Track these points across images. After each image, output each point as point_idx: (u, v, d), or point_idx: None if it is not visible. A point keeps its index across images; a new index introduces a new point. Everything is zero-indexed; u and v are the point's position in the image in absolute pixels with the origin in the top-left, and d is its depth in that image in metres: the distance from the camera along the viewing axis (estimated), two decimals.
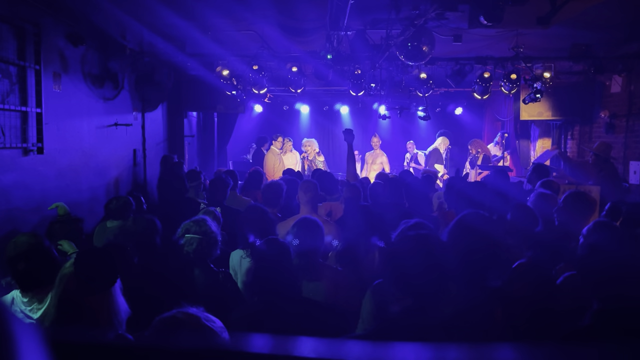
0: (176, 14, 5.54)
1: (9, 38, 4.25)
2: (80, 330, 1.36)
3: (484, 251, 2.10)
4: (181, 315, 1.46)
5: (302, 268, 2.67)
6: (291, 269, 2.42)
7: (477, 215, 2.33)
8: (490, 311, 2.04)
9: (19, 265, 2.46)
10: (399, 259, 1.81)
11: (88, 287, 1.99)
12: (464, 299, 2.01)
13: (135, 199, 4.58)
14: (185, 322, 1.43)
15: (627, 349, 0.74)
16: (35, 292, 2.45)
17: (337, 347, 0.74)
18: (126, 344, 0.93)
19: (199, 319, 1.46)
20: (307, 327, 2.20)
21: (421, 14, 4.41)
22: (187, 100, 8.34)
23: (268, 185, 4.62)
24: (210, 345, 1.37)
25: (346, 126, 13.72)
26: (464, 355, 0.73)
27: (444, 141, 9.86)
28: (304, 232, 2.79)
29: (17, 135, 4.37)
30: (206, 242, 2.93)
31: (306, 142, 9.81)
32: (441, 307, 1.75)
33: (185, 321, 1.44)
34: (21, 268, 2.46)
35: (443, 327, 1.69)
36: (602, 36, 6.50)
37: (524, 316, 2.26)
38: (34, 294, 2.45)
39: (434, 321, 1.68)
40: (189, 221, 3.04)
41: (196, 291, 2.76)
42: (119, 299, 2.06)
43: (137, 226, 2.97)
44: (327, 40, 5.99)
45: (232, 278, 3.03)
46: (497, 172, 6.09)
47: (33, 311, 2.42)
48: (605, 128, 7.61)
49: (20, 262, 2.47)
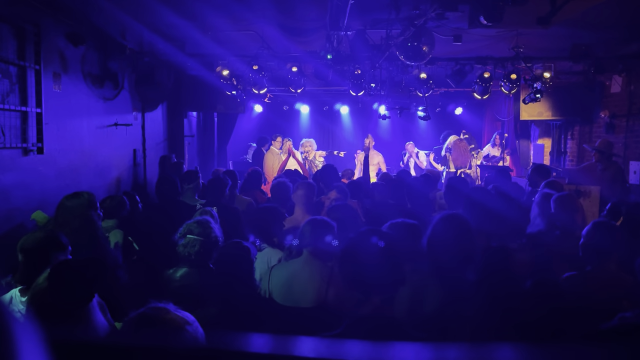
0: (176, 14, 5.54)
1: (9, 38, 4.25)
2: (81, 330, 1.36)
3: (458, 245, 2.14)
4: (150, 311, 1.42)
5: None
6: (250, 270, 2.45)
7: (468, 212, 2.36)
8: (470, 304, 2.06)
9: (21, 257, 2.48)
10: (353, 257, 1.84)
11: (63, 303, 1.88)
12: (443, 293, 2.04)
13: (130, 198, 4.56)
14: (155, 317, 1.39)
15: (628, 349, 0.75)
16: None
17: (337, 347, 0.74)
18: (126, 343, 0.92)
19: (168, 311, 1.42)
20: (266, 326, 2.24)
21: (421, 14, 4.41)
22: (187, 100, 8.34)
23: (276, 184, 4.67)
24: (210, 345, 1.37)
25: (346, 126, 13.70)
26: (463, 355, 0.73)
27: (471, 138, 10.10)
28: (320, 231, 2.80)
29: (17, 135, 4.37)
30: (207, 245, 2.92)
31: (305, 143, 9.80)
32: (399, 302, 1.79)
33: (155, 316, 1.40)
34: (22, 260, 2.48)
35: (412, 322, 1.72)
36: (602, 36, 6.50)
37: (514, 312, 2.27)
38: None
39: (400, 316, 1.71)
40: (192, 221, 3.03)
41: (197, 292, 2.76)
42: (97, 315, 1.99)
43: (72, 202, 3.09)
44: (327, 40, 5.99)
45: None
46: (499, 172, 6.10)
47: None
48: (605, 128, 7.61)
49: (22, 254, 2.48)
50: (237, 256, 2.59)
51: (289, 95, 10.69)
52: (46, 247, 2.57)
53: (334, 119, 13.28)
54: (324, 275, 2.74)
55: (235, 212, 4.46)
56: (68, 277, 1.93)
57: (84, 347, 0.77)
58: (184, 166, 7.14)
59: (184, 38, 6.85)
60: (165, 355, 0.77)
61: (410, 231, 2.65)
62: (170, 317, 1.39)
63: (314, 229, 2.81)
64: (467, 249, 2.25)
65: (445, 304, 2.06)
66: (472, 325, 2.02)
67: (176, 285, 2.87)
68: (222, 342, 0.78)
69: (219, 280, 2.46)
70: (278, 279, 2.79)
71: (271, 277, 2.81)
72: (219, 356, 0.77)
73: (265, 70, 6.84)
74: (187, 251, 2.91)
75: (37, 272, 2.44)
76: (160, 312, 1.41)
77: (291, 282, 2.75)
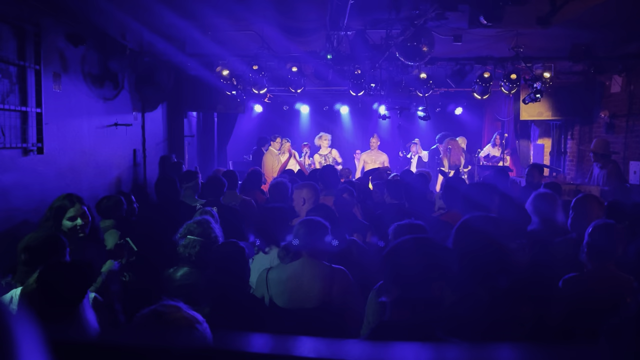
0: (176, 14, 5.54)
1: (9, 38, 4.25)
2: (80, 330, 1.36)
3: (490, 255, 2.10)
4: (162, 308, 1.46)
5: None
6: (244, 271, 2.45)
7: (483, 218, 2.33)
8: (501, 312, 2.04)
9: (24, 257, 2.49)
10: (398, 258, 1.81)
11: (53, 303, 1.89)
12: (469, 300, 2.01)
13: (126, 198, 4.56)
14: (166, 314, 1.44)
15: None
16: None
17: (337, 347, 0.74)
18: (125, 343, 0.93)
19: (179, 309, 1.47)
20: (255, 328, 2.25)
21: (421, 14, 4.41)
22: (187, 100, 8.34)
23: (274, 184, 4.66)
24: (210, 345, 1.37)
25: (346, 126, 13.71)
26: (463, 355, 0.73)
27: (463, 140, 10.11)
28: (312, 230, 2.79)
29: (17, 135, 4.37)
30: (208, 245, 2.92)
31: (323, 136, 9.72)
32: (437, 306, 1.75)
33: (166, 313, 1.44)
34: (26, 259, 2.48)
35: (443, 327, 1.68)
36: (602, 36, 6.50)
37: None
38: None
39: (431, 321, 1.68)
40: (192, 222, 3.03)
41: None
42: (88, 315, 2.01)
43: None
44: (327, 40, 5.99)
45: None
46: (497, 172, 6.10)
47: None
48: (605, 128, 7.61)
49: (24, 255, 2.49)
50: (231, 254, 2.59)
51: (289, 95, 10.68)
52: (50, 246, 2.57)
53: (334, 119, 13.28)
54: (326, 275, 2.74)
55: (235, 212, 4.47)
56: (58, 277, 1.95)
57: (84, 347, 0.77)
58: (184, 166, 7.13)
59: (184, 38, 6.84)
60: (165, 355, 0.77)
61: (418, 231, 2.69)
62: (181, 316, 1.44)
63: (309, 230, 2.80)
64: (491, 258, 2.23)
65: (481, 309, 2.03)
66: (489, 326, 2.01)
67: (176, 285, 2.87)
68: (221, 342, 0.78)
69: (213, 279, 2.46)
70: (277, 282, 2.76)
71: (269, 281, 2.78)
72: (218, 356, 0.77)
73: (265, 70, 6.84)
74: (188, 252, 2.91)
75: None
76: (172, 310, 1.45)
77: (292, 284, 2.73)
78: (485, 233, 2.20)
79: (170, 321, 1.41)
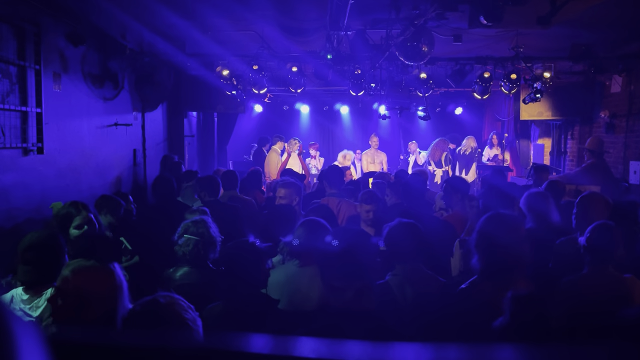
0: (176, 14, 5.54)
1: (9, 38, 4.25)
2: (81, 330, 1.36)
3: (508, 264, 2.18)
4: (162, 299, 1.55)
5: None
6: (258, 270, 2.45)
7: (499, 222, 2.36)
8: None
9: (26, 255, 2.49)
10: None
11: (98, 254, 1.95)
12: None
13: (123, 198, 4.55)
14: (165, 305, 1.51)
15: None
16: (36, 290, 2.46)
17: (337, 348, 0.74)
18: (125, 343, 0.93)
19: (174, 299, 1.55)
20: (268, 327, 2.26)
21: (421, 13, 4.41)
22: (187, 100, 8.34)
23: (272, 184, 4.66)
24: (210, 345, 1.37)
25: (346, 126, 13.71)
26: (463, 355, 0.73)
27: (473, 140, 10.16)
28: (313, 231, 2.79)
29: (17, 135, 4.37)
30: (202, 244, 2.92)
31: (347, 155, 9.78)
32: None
33: (164, 304, 1.52)
34: (27, 258, 2.48)
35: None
36: (602, 36, 6.50)
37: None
38: (34, 292, 2.45)
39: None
40: (189, 221, 3.03)
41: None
42: (125, 300, 2.01)
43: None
44: (327, 40, 5.99)
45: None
46: (495, 172, 6.12)
47: (32, 309, 2.42)
48: (605, 128, 7.61)
49: (26, 254, 2.49)
50: (243, 253, 2.55)
51: (289, 95, 10.68)
52: (52, 245, 2.58)
53: (334, 119, 13.28)
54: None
55: (234, 210, 4.45)
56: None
57: (84, 347, 0.77)
58: (183, 166, 7.13)
59: (184, 38, 6.84)
60: (164, 354, 0.77)
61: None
62: (177, 309, 1.47)
63: (309, 231, 2.79)
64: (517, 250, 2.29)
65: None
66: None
67: (176, 285, 2.88)
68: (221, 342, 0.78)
69: (225, 279, 2.44)
70: (275, 284, 2.74)
71: (268, 284, 2.77)
72: (218, 356, 0.77)
73: (265, 70, 6.84)
74: (182, 250, 2.93)
75: (41, 270, 2.45)
76: (171, 300, 1.53)
77: (291, 287, 2.72)
78: (502, 244, 2.25)
79: (167, 311, 1.50)
